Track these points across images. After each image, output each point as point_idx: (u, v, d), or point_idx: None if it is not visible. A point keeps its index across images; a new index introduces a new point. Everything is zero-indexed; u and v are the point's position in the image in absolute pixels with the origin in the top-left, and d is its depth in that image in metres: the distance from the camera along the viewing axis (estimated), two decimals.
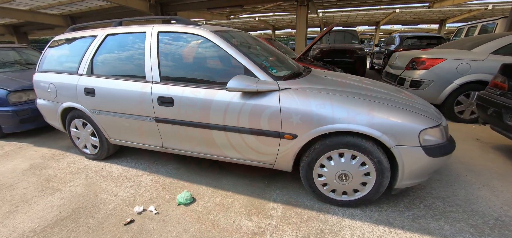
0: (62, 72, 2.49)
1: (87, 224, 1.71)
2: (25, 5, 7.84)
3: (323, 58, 7.37)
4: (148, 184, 2.18)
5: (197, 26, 2.00)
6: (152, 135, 2.17)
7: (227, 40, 1.90)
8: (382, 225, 1.61)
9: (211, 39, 1.89)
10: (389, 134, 1.49)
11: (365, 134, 1.52)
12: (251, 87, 1.63)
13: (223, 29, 2.21)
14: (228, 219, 1.71)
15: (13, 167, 2.55)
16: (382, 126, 1.49)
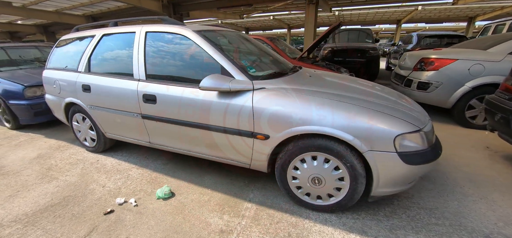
0: (65, 69, 2.67)
1: (72, 211, 1.83)
2: (52, 6, 8.54)
3: (334, 57, 7.16)
4: (135, 177, 2.27)
5: (180, 26, 2.04)
6: (140, 131, 2.26)
7: (208, 39, 1.92)
8: (354, 233, 1.54)
9: (192, 38, 1.92)
10: (362, 138, 1.41)
11: (337, 137, 1.46)
12: (224, 86, 1.64)
13: (209, 28, 2.23)
14: (200, 216, 1.73)
15: (23, 155, 2.79)
16: (355, 129, 1.42)
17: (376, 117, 1.43)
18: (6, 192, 2.10)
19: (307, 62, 4.15)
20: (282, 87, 1.72)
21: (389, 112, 1.49)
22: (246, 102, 1.67)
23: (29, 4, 8.01)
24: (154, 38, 2.13)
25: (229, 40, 2.35)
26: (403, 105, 1.71)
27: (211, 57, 1.84)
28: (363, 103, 1.55)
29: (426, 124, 1.54)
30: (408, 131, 1.40)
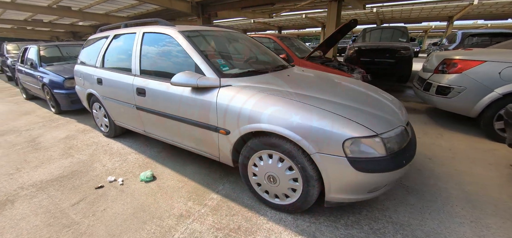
0: (88, 64, 3.13)
1: (74, 183, 2.18)
2: (102, 10, 9.90)
3: (360, 58, 6.74)
4: (131, 161, 2.56)
5: (169, 27, 2.23)
6: (137, 120, 2.54)
7: (189, 39, 2.06)
8: (303, 236, 1.50)
9: (175, 37, 2.09)
10: (310, 140, 1.38)
11: (286, 137, 1.45)
12: (192, 82, 1.75)
13: (196, 28, 2.38)
14: (169, 200, 1.89)
15: (56, 135, 3.37)
16: (304, 130, 1.39)
17: (327, 119, 1.38)
18: (34, 162, 2.59)
19: (316, 62, 4.03)
20: (248, 85, 1.76)
21: (346, 114, 1.41)
22: (212, 98, 1.76)
23: (84, 8, 9.42)
24: (149, 38, 2.37)
25: (216, 39, 2.46)
26: (375, 108, 1.59)
27: (188, 55, 1.98)
28: (324, 104, 1.49)
29: (390, 130, 1.41)
30: (360, 135, 1.31)
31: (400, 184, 2.02)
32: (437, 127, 3.31)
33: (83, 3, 9.01)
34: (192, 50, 1.96)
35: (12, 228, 1.65)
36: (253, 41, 2.94)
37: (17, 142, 3.15)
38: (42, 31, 15.89)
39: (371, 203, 1.79)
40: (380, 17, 16.51)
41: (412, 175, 2.16)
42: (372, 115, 1.49)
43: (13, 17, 11.03)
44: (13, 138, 3.29)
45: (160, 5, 7.89)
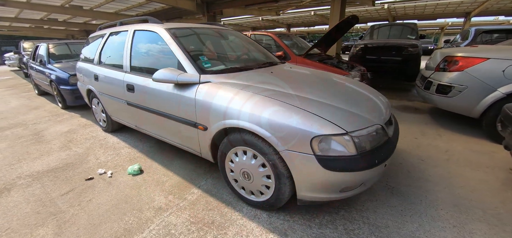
0: (87, 61, 3.25)
1: (66, 174, 2.28)
2: (112, 9, 10.22)
3: (366, 56, 6.56)
4: (123, 154, 2.64)
5: (156, 24, 2.28)
6: (129, 115, 2.61)
7: (174, 36, 2.09)
8: (275, 233, 1.50)
9: (161, 35, 2.13)
10: (279, 137, 1.37)
11: (256, 133, 1.44)
12: (172, 78, 1.78)
13: (185, 26, 2.40)
14: (151, 193, 1.94)
15: (59, 129, 3.53)
16: (273, 126, 1.38)
17: (296, 116, 1.36)
18: (35, 154, 2.73)
19: (313, 60, 3.97)
20: (228, 81, 1.76)
21: (318, 111, 1.38)
22: (191, 94, 1.78)
23: (94, 7, 9.75)
24: (138, 35, 2.42)
25: (205, 37, 2.48)
26: (353, 105, 1.55)
27: (173, 52, 2.01)
28: (297, 101, 1.47)
29: (362, 128, 1.37)
30: (329, 133, 1.29)
31: (385, 185, 1.96)
32: (438, 127, 3.17)
33: (93, 2, 9.33)
34: (176, 47, 1.99)
35: (4, 214, 1.75)
36: (246, 39, 2.95)
37: (23, 135, 3.33)
38: (58, 30, 16.61)
39: (350, 203, 1.75)
40: (392, 14, 15.95)
41: (399, 176, 2.09)
42: (346, 113, 1.45)
43: (30, 16, 11.61)
44: (20, 131, 3.48)
45: (166, 3, 8.03)
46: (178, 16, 11.21)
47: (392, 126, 1.73)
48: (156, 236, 1.50)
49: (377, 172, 1.42)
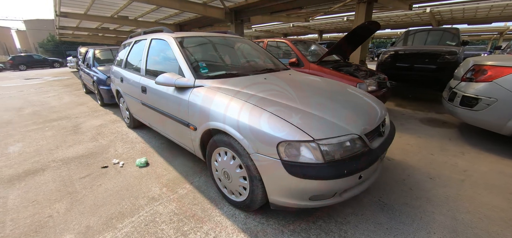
0: (117, 65, 3.71)
1: (88, 162, 2.65)
2: (152, 18, 11.34)
3: (396, 63, 6.15)
4: (137, 148, 2.96)
5: (167, 33, 2.53)
6: (144, 114, 2.92)
7: (179, 44, 2.30)
8: (245, 234, 1.55)
9: (169, 43, 2.37)
10: (250, 139, 1.43)
11: (232, 135, 1.52)
12: (171, 82, 1.97)
13: (193, 34, 2.62)
14: (150, 184, 2.15)
15: (94, 123, 4.08)
16: (245, 130, 1.45)
17: (267, 121, 1.40)
18: (70, 143, 3.22)
19: (327, 67, 3.88)
20: (219, 86, 1.88)
21: (287, 117, 1.41)
22: (186, 96, 1.95)
23: (138, 17, 10.96)
24: (154, 43, 2.71)
25: (211, 45, 2.65)
26: (331, 113, 1.53)
27: (175, 59, 2.22)
28: (273, 107, 1.51)
29: (332, 137, 1.34)
30: (295, 139, 1.30)
31: (378, 200, 1.85)
32: (463, 144, 2.83)
33: (137, 13, 10.50)
34: (179, 54, 2.20)
35: (35, 189, 2.13)
36: (254, 46, 3.05)
37: (65, 126, 3.94)
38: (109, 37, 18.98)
39: (333, 214, 1.70)
40: (437, 18, 14.43)
41: (398, 192, 1.94)
42: (320, 120, 1.44)
43: (87, 25, 13.54)
44: (64, 123, 4.12)
45: (197, 13, 8.63)
46: (209, 24, 11.89)
47: (381, 137, 1.65)
48: (142, 221, 1.68)
49: (349, 184, 1.38)
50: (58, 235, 1.58)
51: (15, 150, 3.00)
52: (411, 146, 2.83)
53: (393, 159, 2.52)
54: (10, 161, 2.67)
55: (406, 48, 6.37)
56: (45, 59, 22.19)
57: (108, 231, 1.60)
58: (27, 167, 2.53)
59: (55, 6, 8.59)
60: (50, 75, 14.04)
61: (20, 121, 4.30)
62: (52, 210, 1.83)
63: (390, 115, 4.08)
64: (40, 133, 3.60)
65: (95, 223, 1.68)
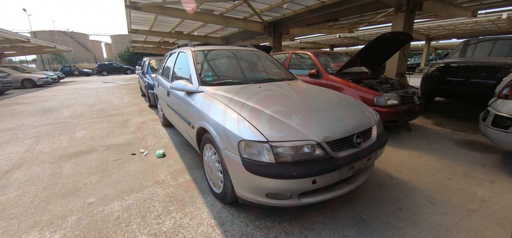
0: (158, 73, 4.45)
1: (123, 149, 3.29)
2: (203, 32, 12.82)
3: (446, 78, 5.49)
4: (162, 143, 3.50)
5: (188, 47, 3.00)
6: (169, 113, 3.46)
7: (195, 55, 2.72)
8: (216, 221, 1.75)
9: (187, 54, 2.82)
10: (221, 137, 1.66)
11: (210, 133, 1.78)
12: (181, 87, 2.37)
13: (209, 48, 3.02)
14: (160, 171, 2.57)
15: (138, 120, 4.93)
16: (219, 128, 1.70)
17: (235, 122, 1.61)
18: (117, 134, 4.01)
19: (345, 79, 3.79)
20: (215, 92, 2.18)
21: (252, 120, 1.58)
22: (191, 100, 2.31)
23: (191, 32, 12.71)
24: (180, 55, 3.22)
25: (221, 57, 3.00)
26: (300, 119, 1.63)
27: (189, 68, 2.64)
28: (245, 111, 1.71)
29: (286, 140, 1.45)
30: (251, 139, 1.48)
31: (357, 215, 1.81)
32: (498, 173, 2.40)
33: (189, 28, 12.03)
34: (192, 64, 2.61)
35: (82, 164, 2.80)
36: (265, 58, 3.28)
37: (118, 121, 4.89)
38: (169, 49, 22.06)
39: (301, 219, 1.76)
40: None
41: (383, 210, 1.85)
42: (282, 125, 1.57)
43: (152, 39, 16.14)
44: (118, 118, 5.10)
45: (238, 27, 9.39)
46: (250, 36, 12.66)
47: (354, 148, 1.65)
48: (142, 197, 2.07)
49: (302, 186, 1.46)
50: (86, 197, 2.10)
51: (79, 135, 3.93)
52: (426, 168, 2.56)
53: (397, 178, 2.35)
54: (74, 143, 3.54)
55: (460, 61, 5.60)
56: (121, 67, 27.05)
57: (118, 200, 2.04)
58: (83, 149, 3.31)
59: (128, 24, 10.61)
60: (122, 80, 17.11)
61: (89, 114, 5.52)
62: (87, 180, 2.41)
63: (420, 133, 3.69)
64: (99, 125, 4.58)
65: (111, 193, 2.15)
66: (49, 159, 2.95)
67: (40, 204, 2.01)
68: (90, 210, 1.91)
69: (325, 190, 1.62)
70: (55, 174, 2.56)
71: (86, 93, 9.87)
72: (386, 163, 2.69)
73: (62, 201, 2.05)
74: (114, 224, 1.75)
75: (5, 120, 5.14)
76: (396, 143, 3.28)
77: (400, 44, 3.98)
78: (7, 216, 1.87)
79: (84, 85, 13.73)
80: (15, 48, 17.25)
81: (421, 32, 15.97)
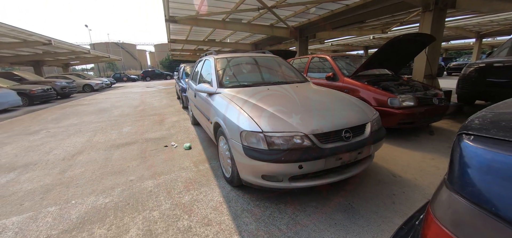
0: (189, 78, 5.08)
1: (159, 142, 3.90)
2: (233, 39, 13.71)
3: (486, 79, 5.10)
4: (189, 138, 4.04)
5: (210, 55, 3.48)
6: (196, 113, 3.99)
7: (216, 62, 3.18)
8: (223, 199, 2.11)
9: (210, 61, 3.29)
10: (229, 129, 2.03)
11: (222, 126, 2.16)
12: (204, 89, 2.83)
13: (229, 56, 3.45)
14: (185, 160, 3.06)
15: (172, 119, 5.63)
16: (227, 122, 2.07)
17: (239, 116, 1.97)
18: (154, 130, 4.71)
19: (361, 81, 3.85)
20: (229, 93, 2.57)
21: (253, 115, 1.92)
22: (211, 100, 2.74)
23: (222, 39, 13.61)
24: (205, 62, 3.72)
25: (240, 63, 3.39)
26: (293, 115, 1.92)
27: (211, 73, 3.10)
28: (250, 108, 2.05)
29: (278, 131, 1.74)
30: (250, 130, 1.81)
31: (348, 204, 1.99)
32: None
33: (220, 36, 12.93)
34: (213, 69, 3.06)
35: (126, 152, 3.46)
36: (279, 63, 3.58)
37: (156, 119, 5.66)
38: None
39: (295, 202, 2.01)
40: None
41: (376, 203, 1.99)
42: (277, 119, 1.86)
43: (188, 48, 17.65)
44: (156, 117, 5.90)
45: (266, 34, 9.83)
46: (278, 41, 13.02)
47: (342, 142, 1.85)
48: (169, 178, 2.55)
49: (291, 170, 1.73)
50: (128, 175, 2.67)
51: (126, 130, 4.73)
52: (436, 169, 2.55)
53: (400, 176, 2.42)
54: (121, 136, 4.30)
55: (505, 60, 5.11)
56: (162, 73, 29.84)
57: (151, 179, 2.56)
58: (128, 141, 4.03)
59: (167, 35, 11.89)
60: (162, 85, 18.97)
61: (134, 114, 6.47)
62: (130, 164, 3.01)
63: (444, 136, 3.57)
64: (141, 122, 5.39)
65: (146, 174, 2.69)
66: (103, 148, 3.70)
67: (96, 179, 2.63)
68: (131, 185, 2.46)
69: (314, 177, 1.86)
70: (107, 158, 3.24)
71: (132, 96, 11.34)
72: (393, 162, 2.74)
73: (112, 177, 2.65)
74: (147, 195, 2.24)
75: (71, 118, 6.37)
76: (411, 145, 3.25)
77: (422, 46, 3.90)
78: (75, 185, 2.51)
79: (131, 89, 15.67)
80: (78, 59, 20.48)
81: (470, 29, 14.34)
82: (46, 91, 9.85)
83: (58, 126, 5.44)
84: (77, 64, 26.50)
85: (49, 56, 15.95)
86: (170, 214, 1.94)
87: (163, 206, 2.06)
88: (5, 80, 9.46)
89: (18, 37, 10.00)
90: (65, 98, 11.77)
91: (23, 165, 3.12)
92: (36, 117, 6.73)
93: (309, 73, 5.22)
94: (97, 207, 2.10)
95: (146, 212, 1.98)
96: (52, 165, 3.08)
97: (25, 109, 8.37)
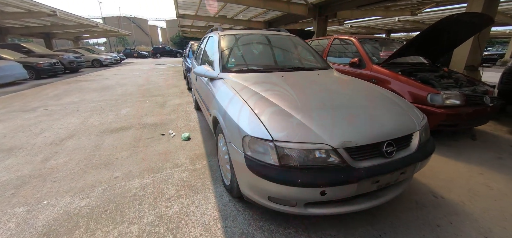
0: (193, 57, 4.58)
1: (156, 128, 3.52)
2: (246, 17, 12.81)
3: None
4: (190, 125, 3.63)
5: (214, 32, 2.94)
6: (197, 97, 3.53)
7: (221, 40, 2.65)
8: (220, 213, 1.70)
9: (214, 38, 2.76)
10: (228, 129, 1.57)
11: (220, 123, 1.70)
12: (203, 72, 2.34)
13: (237, 32, 2.89)
14: (181, 154, 2.66)
15: (175, 102, 5.23)
16: (227, 119, 1.60)
17: (241, 114, 1.49)
18: (154, 113, 4.33)
19: (393, 71, 3.22)
20: (233, 80, 2.08)
21: (261, 114, 1.43)
22: (212, 85, 2.26)
23: (234, 16, 12.78)
24: (209, 40, 3.21)
25: (248, 42, 2.84)
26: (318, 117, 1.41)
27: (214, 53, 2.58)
28: (257, 104, 1.56)
29: (293, 141, 1.25)
30: (256, 136, 1.33)
31: (379, 236, 1.53)
32: None
33: (232, 13, 12.12)
34: (216, 48, 2.55)
35: (118, 140, 3.10)
36: (296, 44, 3.00)
37: (158, 101, 5.28)
38: None
39: (311, 228, 1.57)
40: None
41: (415, 234, 1.52)
42: (293, 122, 1.37)
43: (198, 24, 16.95)
44: (159, 99, 5.52)
45: (281, 10, 8.99)
46: (293, 20, 12.04)
47: (383, 158, 1.35)
48: (159, 178, 2.16)
49: (308, 196, 1.26)
50: (114, 170, 2.31)
51: (124, 112, 4.38)
52: (489, 189, 2.02)
53: (443, 198, 1.91)
54: (117, 119, 3.96)
55: None
56: (172, 50, 29.37)
57: (138, 178, 2.18)
58: (123, 125, 3.67)
59: (176, 9, 11.24)
60: (171, 62, 18.55)
61: (137, 93, 6.12)
62: (119, 155, 2.65)
63: (488, 142, 2.97)
64: (142, 104, 5.03)
65: (135, 170, 2.32)
66: (95, 132, 3.37)
67: (78, 172, 2.29)
68: (114, 184, 2.09)
69: (339, 203, 1.39)
70: (96, 146, 2.89)
71: (139, 73, 11.02)
72: (432, 176, 2.22)
73: (95, 172, 2.30)
74: (130, 200, 1.87)
75: (73, 94, 6.11)
76: (451, 153, 2.69)
77: (474, 29, 3.16)
78: (53, 179, 2.18)
79: (139, 66, 15.37)
80: (88, 32, 20.27)
81: (510, 14, 12.66)
82: (53, 65, 9.66)
83: (58, 103, 5.18)
84: (88, 38, 26.38)
85: (58, 29, 15.76)
86: (151, 232, 1.55)
87: (146, 218, 1.67)
88: (12, 52, 9.32)
89: (21, 6, 9.69)
90: (73, 73, 11.63)
91: (7, 149, 2.83)
92: (40, 92, 6.53)
93: (328, 58, 4.58)
94: (70, 212, 1.74)
95: (123, 225, 1.61)
96: (37, 151, 2.78)
97: (31, 83, 8.24)
